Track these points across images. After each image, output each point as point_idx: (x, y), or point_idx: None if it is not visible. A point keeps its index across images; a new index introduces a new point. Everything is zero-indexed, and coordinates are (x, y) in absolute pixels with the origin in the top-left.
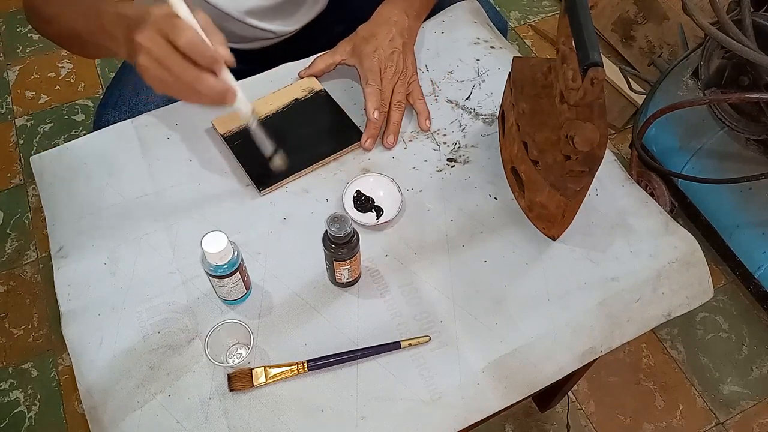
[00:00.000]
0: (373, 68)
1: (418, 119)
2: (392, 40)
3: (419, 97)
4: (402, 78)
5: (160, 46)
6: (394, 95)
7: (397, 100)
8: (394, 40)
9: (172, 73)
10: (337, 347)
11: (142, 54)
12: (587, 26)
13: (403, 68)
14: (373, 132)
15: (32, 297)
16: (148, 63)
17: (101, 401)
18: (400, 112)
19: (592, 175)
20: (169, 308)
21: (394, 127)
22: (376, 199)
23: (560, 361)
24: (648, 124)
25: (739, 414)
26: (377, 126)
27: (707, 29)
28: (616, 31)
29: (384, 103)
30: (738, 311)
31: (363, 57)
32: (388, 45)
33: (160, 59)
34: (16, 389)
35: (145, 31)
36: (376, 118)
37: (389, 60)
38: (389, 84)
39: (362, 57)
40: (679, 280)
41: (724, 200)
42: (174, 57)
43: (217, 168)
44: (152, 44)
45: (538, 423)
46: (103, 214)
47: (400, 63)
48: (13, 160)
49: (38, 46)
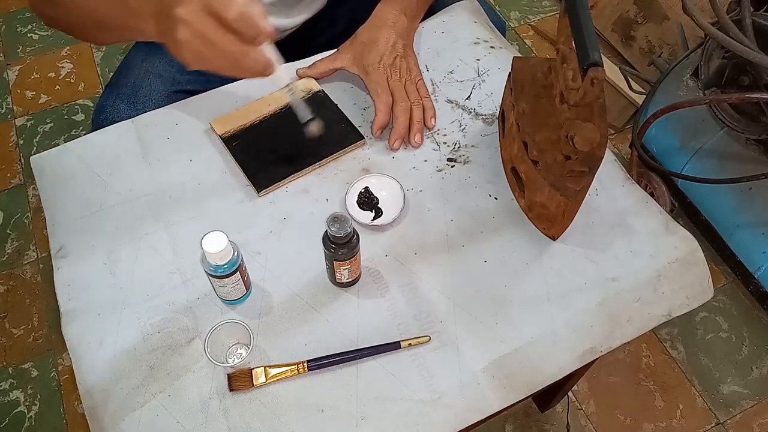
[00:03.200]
0: (380, 81)
1: (424, 117)
2: (394, 45)
3: (425, 95)
4: (409, 80)
5: (204, 19)
6: (409, 95)
7: (414, 98)
8: (396, 46)
9: (217, 47)
10: (337, 347)
11: (183, 28)
12: (587, 26)
13: (407, 71)
14: (401, 133)
15: (32, 297)
16: (190, 37)
17: (101, 401)
18: (420, 109)
19: (592, 175)
20: (169, 308)
21: (418, 125)
22: (380, 199)
23: (560, 361)
24: (648, 124)
25: (739, 414)
26: (403, 127)
27: (707, 29)
28: (616, 31)
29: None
30: (738, 311)
31: (368, 68)
32: (390, 52)
33: (204, 33)
34: (16, 389)
35: (188, 5)
36: (396, 147)
37: (393, 67)
38: (400, 89)
39: (367, 68)
40: (679, 280)
41: (724, 200)
42: (219, 31)
43: (217, 168)
44: (196, 18)
45: (538, 423)
46: (103, 214)
47: (404, 67)
48: (13, 160)
49: (38, 46)
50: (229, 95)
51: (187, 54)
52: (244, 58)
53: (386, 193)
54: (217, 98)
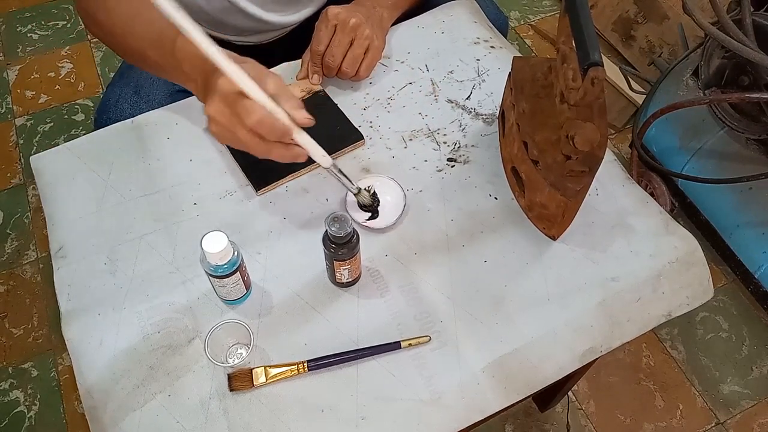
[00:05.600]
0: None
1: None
2: (357, 11)
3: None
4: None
5: (229, 119)
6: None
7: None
8: (359, 13)
9: (243, 145)
10: (337, 347)
11: (212, 123)
12: (587, 26)
13: (356, 27)
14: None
15: (32, 297)
16: (219, 132)
17: (101, 401)
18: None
19: (592, 175)
20: (169, 308)
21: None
22: (380, 201)
23: (560, 361)
24: (648, 124)
25: (739, 414)
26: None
27: (707, 29)
28: (616, 30)
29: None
30: (738, 311)
31: (321, 15)
32: (348, 13)
33: (230, 131)
34: (16, 389)
35: (214, 104)
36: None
37: (345, 21)
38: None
39: (321, 15)
40: (679, 280)
41: (724, 200)
42: (243, 132)
43: (217, 168)
44: (221, 117)
45: (538, 423)
46: (103, 214)
47: (356, 27)
48: (13, 160)
49: (38, 46)
50: None
51: (220, 141)
52: (270, 155)
53: (386, 194)
54: None
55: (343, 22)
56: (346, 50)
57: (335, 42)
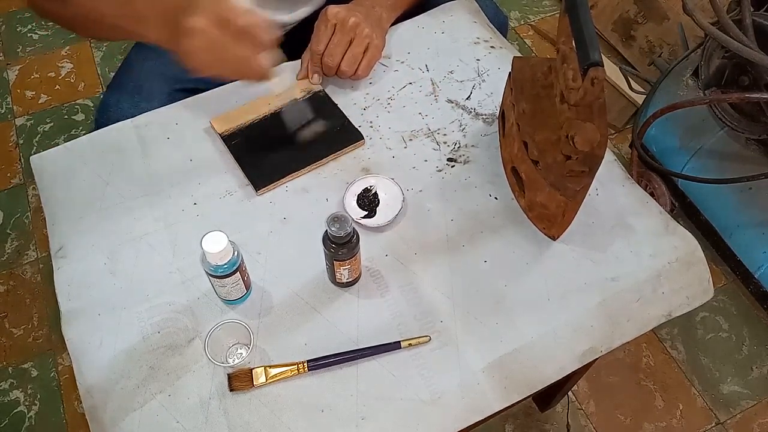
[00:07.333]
0: (326, 15)
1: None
2: (356, 11)
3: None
4: (348, 33)
5: (215, 29)
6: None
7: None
8: (358, 12)
9: (226, 54)
10: (337, 347)
11: (195, 37)
12: (587, 26)
13: (355, 26)
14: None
15: (32, 297)
16: (201, 45)
17: (101, 401)
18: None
19: (592, 175)
20: (169, 308)
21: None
22: (379, 200)
23: (560, 361)
24: (648, 124)
25: (739, 414)
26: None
27: (707, 29)
28: (616, 30)
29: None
30: (738, 311)
31: (321, 15)
32: (347, 12)
33: (214, 41)
34: (16, 389)
35: (199, 15)
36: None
37: (344, 20)
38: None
39: (320, 15)
40: (679, 280)
41: (724, 200)
42: (227, 39)
43: (217, 168)
44: (207, 27)
45: (538, 423)
46: (103, 214)
47: (355, 26)
48: (13, 160)
49: (38, 46)
50: (229, 95)
51: (196, 61)
52: (248, 63)
53: (385, 194)
54: (217, 98)
55: (342, 21)
56: (346, 49)
57: (334, 41)
